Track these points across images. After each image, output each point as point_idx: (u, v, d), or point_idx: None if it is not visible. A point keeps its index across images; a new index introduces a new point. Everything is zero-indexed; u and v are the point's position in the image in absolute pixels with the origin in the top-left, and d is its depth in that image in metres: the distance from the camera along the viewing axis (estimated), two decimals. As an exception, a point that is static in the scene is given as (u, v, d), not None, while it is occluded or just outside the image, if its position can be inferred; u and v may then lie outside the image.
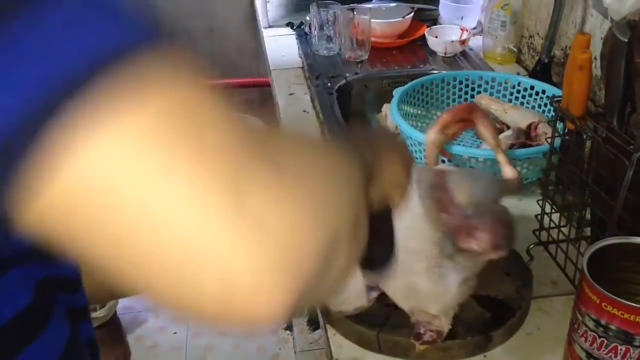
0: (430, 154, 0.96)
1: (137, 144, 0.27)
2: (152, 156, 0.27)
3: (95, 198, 0.27)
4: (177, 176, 0.28)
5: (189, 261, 0.28)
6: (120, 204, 0.27)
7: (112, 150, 0.27)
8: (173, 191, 0.27)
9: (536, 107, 1.23)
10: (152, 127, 0.27)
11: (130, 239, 0.28)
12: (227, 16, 2.30)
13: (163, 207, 0.27)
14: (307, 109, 1.42)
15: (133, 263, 0.28)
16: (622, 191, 0.74)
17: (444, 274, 0.69)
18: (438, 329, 0.72)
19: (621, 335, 0.61)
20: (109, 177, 0.27)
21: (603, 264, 0.66)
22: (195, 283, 0.28)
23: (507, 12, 1.55)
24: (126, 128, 0.27)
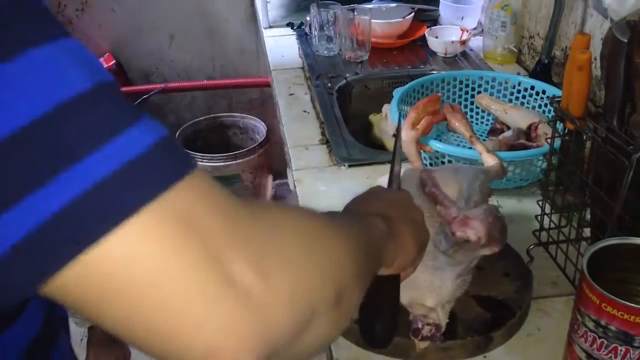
0: (409, 152, 0.97)
1: (149, 238, 0.32)
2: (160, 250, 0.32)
3: (111, 277, 0.32)
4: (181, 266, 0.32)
5: (181, 331, 0.33)
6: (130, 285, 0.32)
7: (130, 241, 0.31)
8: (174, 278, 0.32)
9: (536, 107, 1.23)
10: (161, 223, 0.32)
11: (135, 312, 0.32)
12: (227, 16, 2.30)
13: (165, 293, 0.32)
14: (307, 109, 1.42)
15: (133, 329, 0.33)
16: (622, 192, 0.74)
17: (440, 267, 0.70)
18: (436, 322, 0.72)
19: (621, 336, 0.61)
20: (126, 262, 0.31)
21: (603, 264, 0.66)
22: (186, 349, 0.33)
23: (507, 13, 1.55)
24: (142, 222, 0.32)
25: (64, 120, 0.31)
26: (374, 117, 1.46)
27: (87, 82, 0.33)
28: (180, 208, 0.33)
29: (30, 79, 0.31)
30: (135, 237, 0.32)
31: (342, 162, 1.19)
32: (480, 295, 0.80)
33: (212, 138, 2.47)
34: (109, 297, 0.32)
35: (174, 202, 0.33)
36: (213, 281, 0.33)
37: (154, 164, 0.33)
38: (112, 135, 0.32)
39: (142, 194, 0.32)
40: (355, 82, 1.56)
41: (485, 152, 0.94)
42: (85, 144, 0.31)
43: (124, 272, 0.32)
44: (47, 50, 0.32)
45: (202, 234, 0.33)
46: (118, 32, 2.26)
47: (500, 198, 1.06)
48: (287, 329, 0.35)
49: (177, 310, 0.32)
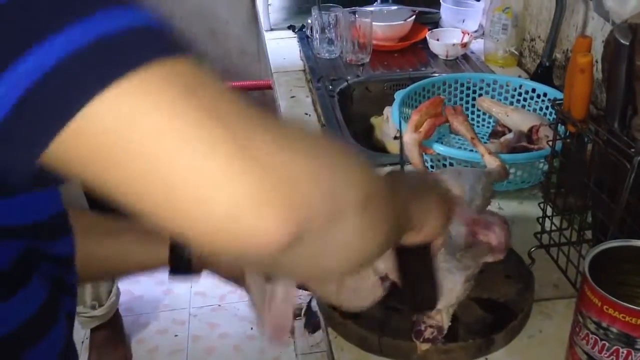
0: (412, 155, 0.98)
1: (150, 92, 0.30)
2: (161, 103, 0.30)
3: (111, 137, 0.30)
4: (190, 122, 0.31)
5: (197, 190, 0.31)
6: (131, 144, 0.30)
7: (125, 96, 0.30)
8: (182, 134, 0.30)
9: (538, 110, 1.23)
10: (165, 82, 0.31)
11: (141, 174, 0.31)
12: (228, 19, 2.31)
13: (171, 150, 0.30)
14: (309, 112, 1.42)
15: (143, 192, 0.31)
16: (624, 194, 0.74)
17: (452, 270, 0.70)
18: (438, 324, 0.72)
19: (622, 338, 0.61)
20: (123, 118, 0.30)
21: (604, 266, 0.66)
22: (204, 210, 0.31)
23: (508, 15, 1.55)
24: (142, 78, 0.30)
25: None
26: (375, 119, 1.46)
27: None
28: (190, 74, 0.32)
29: None
30: (137, 92, 0.30)
31: (344, 164, 1.19)
32: (481, 297, 0.80)
33: (214, 140, 2.47)
34: (114, 157, 0.31)
35: (183, 68, 0.32)
36: (231, 145, 0.31)
37: (158, 34, 0.33)
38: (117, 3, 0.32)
39: (147, 52, 0.31)
40: (357, 84, 1.56)
41: (487, 154, 0.94)
42: (87, 4, 0.31)
43: (126, 128, 0.30)
44: None
45: (213, 99, 0.32)
46: (120, 34, 2.26)
47: (501, 200, 1.06)
48: (316, 208, 0.34)
49: (181, 172, 0.31)
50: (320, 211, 0.34)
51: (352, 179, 0.38)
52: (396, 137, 1.36)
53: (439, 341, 0.72)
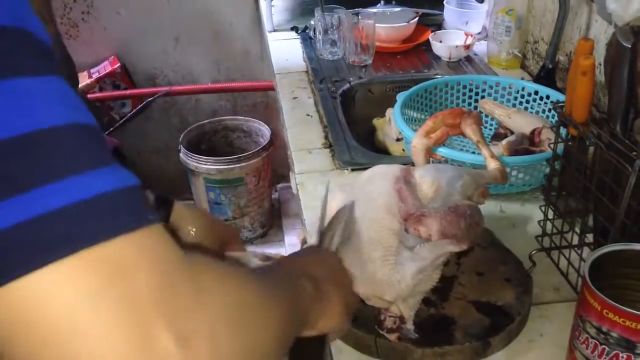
0: (417, 159, 0.97)
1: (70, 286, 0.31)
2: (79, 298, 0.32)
3: (31, 316, 0.31)
4: (96, 318, 0.32)
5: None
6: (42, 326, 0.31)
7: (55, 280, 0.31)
8: (88, 329, 0.32)
9: (540, 112, 1.23)
10: (88, 273, 0.32)
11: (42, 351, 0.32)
12: (232, 20, 2.31)
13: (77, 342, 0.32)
14: (311, 113, 1.42)
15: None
16: (625, 198, 0.73)
17: (401, 262, 0.70)
18: (398, 314, 0.72)
19: (622, 342, 0.61)
20: (44, 298, 0.31)
21: (605, 270, 0.65)
22: None
23: (511, 18, 1.55)
24: (73, 264, 0.32)
25: (26, 148, 0.32)
26: (377, 121, 1.46)
27: (61, 119, 0.33)
28: (118, 261, 0.33)
29: (4, 104, 0.32)
30: (61, 277, 0.31)
31: (345, 166, 1.19)
32: (479, 300, 0.80)
33: (216, 141, 2.47)
34: (21, 329, 0.32)
35: (113, 253, 0.33)
36: (132, 339, 0.32)
37: (105, 209, 0.33)
38: (72, 172, 0.33)
39: (83, 237, 0.32)
40: (359, 86, 1.56)
41: (490, 157, 0.93)
42: (42, 174, 0.32)
43: (39, 308, 0.31)
44: (31, 82, 0.33)
45: (132, 292, 0.33)
46: (123, 35, 2.26)
47: (503, 203, 1.06)
48: None
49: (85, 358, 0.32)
50: None
51: (250, 349, 0.39)
52: (398, 139, 1.35)
53: (408, 332, 0.73)
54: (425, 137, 0.98)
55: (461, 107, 1.22)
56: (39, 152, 0.32)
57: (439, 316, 0.78)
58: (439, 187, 0.76)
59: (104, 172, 0.34)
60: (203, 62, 2.38)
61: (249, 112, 2.51)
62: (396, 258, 0.70)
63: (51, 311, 0.31)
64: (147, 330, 0.33)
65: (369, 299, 0.72)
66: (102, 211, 0.33)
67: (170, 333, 0.33)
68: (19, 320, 0.32)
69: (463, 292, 0.81)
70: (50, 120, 0.33)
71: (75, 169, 0.33)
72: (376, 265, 0.70)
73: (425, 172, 0.79)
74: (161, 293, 0.34)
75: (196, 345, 0.34)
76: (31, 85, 0.33)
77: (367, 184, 0.78)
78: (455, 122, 1.01)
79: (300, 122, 1.38)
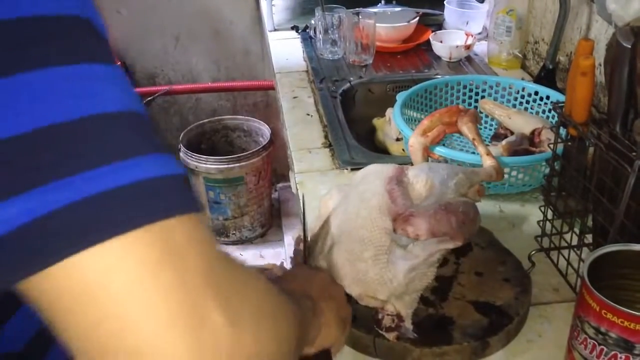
0: (415, 158, 0.97)
1: (129, 257, 0.33)
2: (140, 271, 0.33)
3: (92, 290, 0.33)
4: (155, 291, 0.33)
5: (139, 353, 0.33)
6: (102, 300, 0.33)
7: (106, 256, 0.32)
8: (148, 300, 0.33)
9: (540, 112, 1.23)
10: (147, 248, 0.33)
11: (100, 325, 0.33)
12: (232, 19, 2.31)
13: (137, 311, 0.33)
14: (311, 113, 1.42)
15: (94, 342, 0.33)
16: (625, 198, 0.73)
17: (393, 261, 0.70)
18: (396, 312, 0.73)
19: (621, 343, 0.60)
20: (103, 273, 0.32)
21: (604, 271, 0.65)
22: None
23: (512, 18, 1.55)
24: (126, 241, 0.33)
25: (84, 130, 0.33)
26: (377, 121, 1.46)
27: (118, 106, 0.35)
28: (171, 240, 0.34)
29: (65, 88, 0.33)
30: (121, 253, 0.33)
31: (345, 165, 1.19)
32: (478, 301, 0.80)
33: (216, 140, 2.47)
34: (79, 305, 0.33)
35: (166, 233, 0.34)
36: (187, 317, 0.33)
37: (159, 192, 0.35)
38: (127, 156, 0.34)
39: (139, 216, 0.33)
40: (359, 85, 1.56)
41: (485, 155, 0.93)
42: (98, 156, 0.33)
43: (99, 282, 0.32)
44: (93, 68, 0.35)
45: (186, 271, 0.34)
46: (123, 33, 2.26)
47: (502, 203, 1.06)
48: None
49: (140, 331, 0.33)
50: None
51: (281, 340, 0.41)
52: (398, 139, 1.35)
53: (408, 332, 0.73)
54: (422, 136, 0.98)
55: (457, 105, 1.22)
56: (99, 134, 0.34)
57: (438, 316, 0.77)
58: (432, 185, 0.76)
59: (158, 157, 0.36)
60: (203, 61, 2.37)
61: (249, 111, 2.51)
62: (388, 257, 0.70)
63: (111, 286, 0.33)
64: (201, 308, 0.34)
65: (362, 299, 0.72)
66: (158, 192, 0.35)
67: (221, 311, 0.35)
68: (80, 294, 0.32)
69: (462, 292, 0.81)
70: (112, 106, 0.35)
71: (133, 152, 0.35)
72: (368, 264, 0.70)
73: (419, 171, 0.79)
74: (211, 275, 0.36)
75: (243, 326, 0.36)
76: (96, 71, 0.35)
77: (361, 183, 0.79)
78: (452, 120, 1.01)
79: (300, 122, 1.38)
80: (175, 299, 0.33)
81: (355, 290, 0.71)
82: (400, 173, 0.78)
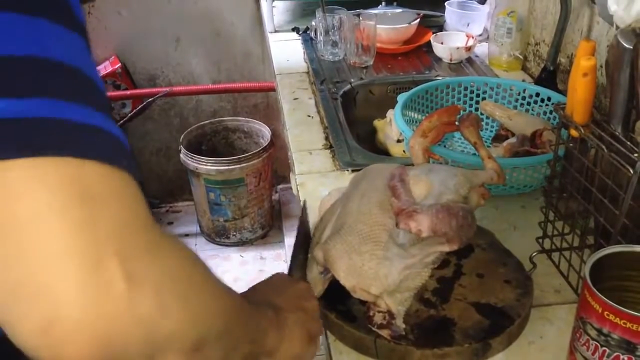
0: (416, 159, 0.97)
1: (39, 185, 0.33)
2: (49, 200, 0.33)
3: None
4: (59, 223, 0.33)
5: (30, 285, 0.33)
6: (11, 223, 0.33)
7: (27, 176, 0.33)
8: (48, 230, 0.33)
9: (541, 114, 1.22)
10: (58, 180, 0.34)
11: None
12: (233, 20, 2.31)
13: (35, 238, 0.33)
14: (312, 114, 1.42)
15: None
16: (627, 199, 0.73)
17: (389, 257, 0.71)
18: (387, 309, 0.73)
19: (623, 344, 0.60)
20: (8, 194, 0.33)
21: (606, 272, 0.65)
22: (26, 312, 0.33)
23: (513, 20, 1.55)
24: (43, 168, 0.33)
25: None
26: (378, 122, 1.45)
27: None
28: (86, 182, 0.35)
29: None
30: (32, 175, 0.33)
31: (345, 166, 1.18)
32: (479, 302, 0.79)
33: (217, 142, 2.47)
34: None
35: (86, 175, 0.35)
36: (84, 263, 0.33)
37: (80, 133, 0.36)
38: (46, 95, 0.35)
39: (49, 145, 0.34)
40: (360, 87, 1.56)
41: (487, 158, 0.93)
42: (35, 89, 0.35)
43: (6, 201, 0.33)
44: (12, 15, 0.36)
45: (97, 220, 0.34)
46: (124, 35, 2.26)
47: (504, 204, 1.06)
48: (132, 344, 0.36)
49: (33, 261, 0.33)
50: (139, 346, 0.36)
51: (195, 314, 0.40)
52: (399, 140, 1.35)
53: (396, 327, 0.73)
54: (422, 136, 0.98)
55: (456, 105, 1.22)
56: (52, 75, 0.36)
57: (439, 317, 0.77)
58: (431, 186, 0.76)
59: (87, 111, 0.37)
60: (204, 63, 2.37)
61: (249, 113, 2.51)
62: (384, 253, 0.71)
63: (17, 206, 0.33)
64: (101, 259, 0.34)
65: (355, 291, 0.73)
66: (94, 136, 0.36)
67: (122, 268, 0.34)
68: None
69: (463, 294, 0.81)
70: None
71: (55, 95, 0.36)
72: (364, 258, 0.71)
73: (419, 171, 0.80)
74: (123, 232, 0.35)
75: (142, 288, 0.35)
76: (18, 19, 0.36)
77: (363, 181, 0.79)
78: (451, 120, 1.01)
79: (300, 123, 1.38)
80: (78, 238, 0.33)
81: (349, 281, 0.72)
82: (402, 172, 0.78)
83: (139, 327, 0.36)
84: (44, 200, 0.33)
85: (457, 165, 1.01)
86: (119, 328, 0.35)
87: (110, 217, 0.35)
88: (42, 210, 0.33)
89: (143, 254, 0.36)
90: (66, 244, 0.33)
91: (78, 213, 0.34)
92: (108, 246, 0.34)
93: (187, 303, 0.39)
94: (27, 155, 0.33)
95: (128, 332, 0.35)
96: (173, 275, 0.39)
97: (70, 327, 0.33)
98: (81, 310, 0.33)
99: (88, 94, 0.38)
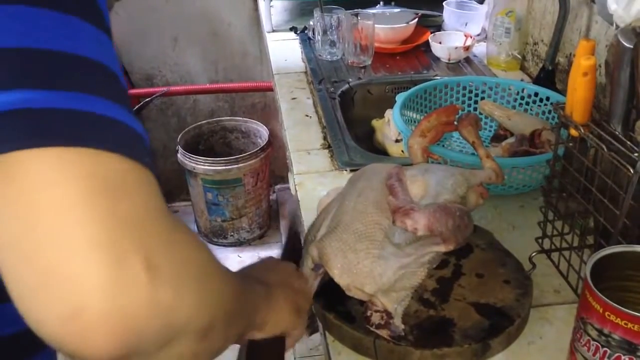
0: (414, 158, 0.97)
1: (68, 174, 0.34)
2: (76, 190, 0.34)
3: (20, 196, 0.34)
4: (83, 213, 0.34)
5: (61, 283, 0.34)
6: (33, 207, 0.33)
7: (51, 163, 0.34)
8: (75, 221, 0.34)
9: (540, 114, 1.22)
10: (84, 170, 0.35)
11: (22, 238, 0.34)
12: (231, 20, 2.30)
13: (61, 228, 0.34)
14: (310, 114, 1.41)
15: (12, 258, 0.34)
16: (627, 199, 0.73)
17: (384, 256, 0.71)
18: (384, 308, 0.73)
19: (624, 345, 0.60)
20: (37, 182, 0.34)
21: (606, 272, 0.65)
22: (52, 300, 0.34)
23: (511, 19, 1.55)
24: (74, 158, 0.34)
25: None
26: (376, 122, 1.45)
27: None
28: (112, 178, 0.36)
29: None
30: (58, 164, 0.34)
31: (344, 166, 1.18)
32: (479, 302, 0.79)
33: (214, 142, 2.47)
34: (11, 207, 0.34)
35: (109, 167, 0.36)
36: (105, 256, 0.34)
37: (106, 126, 0.37)
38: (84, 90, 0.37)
39: (94, 136, 0.35)
40: (358, 87, 1.55)
41: (485, 157, 0.93)
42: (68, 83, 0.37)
43: (34, 188, 0.34)
44: None
45: (118, 211, 0.35)
46: (121, 35, 2.26)
47: (503, 204, 1.05)
48: (152, 332, 0.36)
49: (59, 250, 0.33)
50: (159, 335, 0.37)
51: (208, 301, 0.42)
52: (397, 140, 1.35)
53: (395, 327, 0.72)
54: (420, 136, 0.97)
55: (454, 104, 1.21)
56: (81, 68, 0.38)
57: (438, 318, 0.77)
58: (428, 185, 0.76)
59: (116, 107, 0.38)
60: (201, 63, 2.37)
61: (247, 112, 2.51)
62: (380, 252, 0.71)
63: (42, 197, 0.33)
64: (125, 250, 0.35)
65: (349, 289, 0.73)
66: (122, 130, 0.38)
67: (144, 259, 0.35)
68: (13, 200, 0.34)
69: (463, 294, 0.81)
70: None
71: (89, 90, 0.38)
72: (359, 256, 0.71)
73: (416, 171, 0.80)
74: (144, 223, 0.37)
75: (162, 276, 0.36)
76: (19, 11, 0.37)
77: (360, 180, 0.79)
78: (450, 119, 1.01)
79: (299, 123, 1.37)
80: (103, 228, 0.34)
81: (344, 279, 0.72)
82: (400, 172, 0.78)
83: (159, 315, 0.36)
84: (69, 191, 0.34)
85: (455, 165, 1.01)
86: (141, 317, 0.35)
87: (132, 208, 0.36)
88: (67, 200, 0.34)
89: (163, 244, 0.38)
90: (91, 234, 0.34)
91: (102, 203, 0.34)
92: (131, 237, 0.35)
93: (200, 290, 0.41)
94: (54, 145, 0.34)
95: (149, 320, 0.36)
96: (188, 264, 0.40)
97: (95, 316, 0.34)
98: (106, 300, 0.34)
99: (114, 90, 0.39)
